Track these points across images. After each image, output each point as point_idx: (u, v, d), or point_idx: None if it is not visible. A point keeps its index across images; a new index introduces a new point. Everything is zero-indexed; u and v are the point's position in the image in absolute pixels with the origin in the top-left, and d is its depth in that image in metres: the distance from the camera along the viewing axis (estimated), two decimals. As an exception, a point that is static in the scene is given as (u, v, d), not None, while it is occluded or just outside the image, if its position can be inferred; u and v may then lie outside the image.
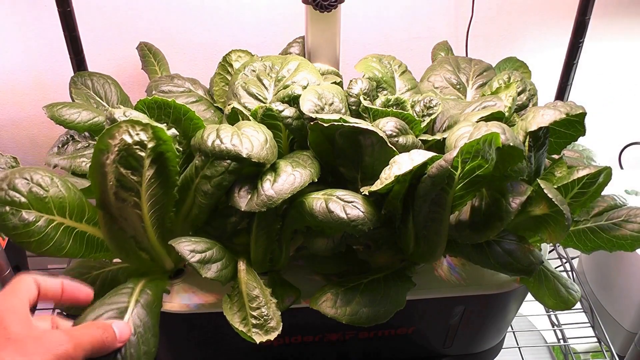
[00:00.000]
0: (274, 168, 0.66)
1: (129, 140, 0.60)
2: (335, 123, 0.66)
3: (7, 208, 0.61)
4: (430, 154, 0.61)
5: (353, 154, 0.69)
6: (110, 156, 0.61)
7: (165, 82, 0.92)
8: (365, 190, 0.64)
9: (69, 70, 1.07)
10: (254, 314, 0.64)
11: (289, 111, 0.71)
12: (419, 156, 0.62)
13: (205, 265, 0.62)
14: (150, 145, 0.61)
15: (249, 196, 0.64)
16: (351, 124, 0.65)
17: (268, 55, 0.86)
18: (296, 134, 0.72)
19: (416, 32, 1.22)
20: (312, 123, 0.68)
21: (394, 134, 0.70)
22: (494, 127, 0.64)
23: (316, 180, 0.67)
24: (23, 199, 0.62)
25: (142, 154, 0.61)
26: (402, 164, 0.62)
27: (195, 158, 0.67)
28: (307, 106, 0.70)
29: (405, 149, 0.70)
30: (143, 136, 0.60)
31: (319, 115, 0.67)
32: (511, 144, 0.62)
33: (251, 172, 0.66)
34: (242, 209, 0.64)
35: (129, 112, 0.65)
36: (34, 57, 1.17)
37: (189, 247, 0.62)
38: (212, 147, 0.64)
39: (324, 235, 0.70)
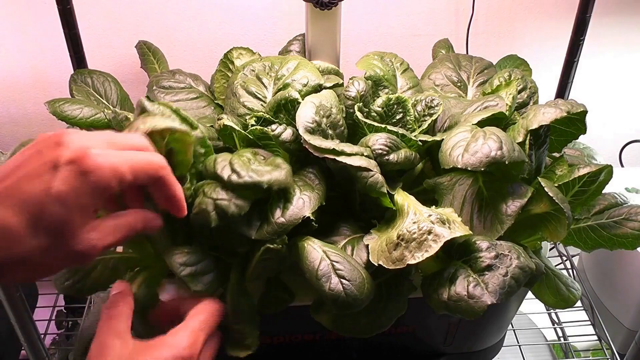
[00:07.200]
0: (282, 192, 0.65)
1: None
2: (328, 156, 0.66)
3: None
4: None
5: (346, 183, 0.69)
6: None
7: (166, 77, 0.91)
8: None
9: (68, 68, 1.07)
10: (235, 327, 0.63)
11: (286, 134, 0.70)
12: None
13: (195, 278, 0.60)
14: None
15: (259, 224, 0.63)
16: (342, 161, 0.65)
17: (267, 55, 0.85)
18: (294, 155, 0.71)
19: (417, 30, 1.22)
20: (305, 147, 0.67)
21: (384, 152, 0.69)
22: (491, 140, 0.64)
23: (324, 203, 0.66)
24: None
25: None
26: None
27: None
28: (303, 126, 0.68)
29: (397, 165, 0.69)
30: None
31: (312, 142, 0.66)
32: (507, 162, 0.62)
33: (259, 197, 0.65)
34: (253, 237, 0.62)
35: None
36: (33, 55, 1.17)
37: (180, 260, 0.60)
38: (228, 180, 0.61)
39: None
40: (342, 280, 0.61)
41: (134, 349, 0.52)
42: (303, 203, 0.63)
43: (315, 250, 0.63)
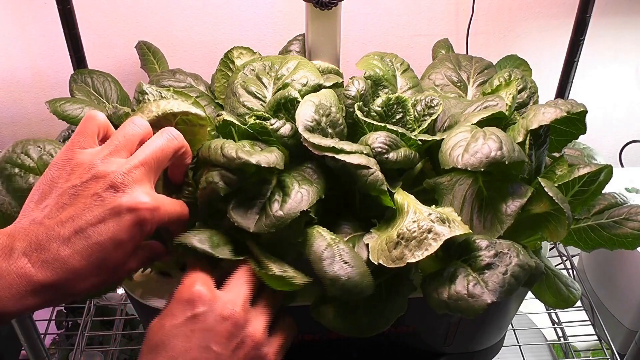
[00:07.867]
0: (280, 186, 0.65)
1: None
2: (327, 154, 0.66)
3: (17, 170, 0.66)
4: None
5: (346, 182, 0.69)
6: None
7: (166, 77, 0.91)
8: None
9: (68, 68, 1.07)
10: (284, 268, 0.64)
11: (284, 129, 0.70)
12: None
13: (218, 247, 0.61)
14: None
15: (257, 217, 0.63)
16: (341, 159, 0.65)
17: (268, 55, 0.86)
18: (293, 150, 0.70)
19: (417, 30, 1.22)
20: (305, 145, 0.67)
21: (384, 150, 0.69)
22: (491, 141, 0.64)
23: (323, 197, 0.66)
24: (32, 164, 0.66)
25: None
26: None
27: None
28: (303, 125, 0.68)
29: (397, 163, 0.69)
30: None
31: (312, 140, 0.66)
32: (507, 163, 0.62)
33: (256, 191, 0.66)
34: (251, 231, 0.63)
35: None
36: (33, 54, 1.17)
37: (196, 238, 0.61)
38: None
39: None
40: (344, 264, 0.61)
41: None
42: (301, 197, 0.64)
43: (323, 237, 0.63)
